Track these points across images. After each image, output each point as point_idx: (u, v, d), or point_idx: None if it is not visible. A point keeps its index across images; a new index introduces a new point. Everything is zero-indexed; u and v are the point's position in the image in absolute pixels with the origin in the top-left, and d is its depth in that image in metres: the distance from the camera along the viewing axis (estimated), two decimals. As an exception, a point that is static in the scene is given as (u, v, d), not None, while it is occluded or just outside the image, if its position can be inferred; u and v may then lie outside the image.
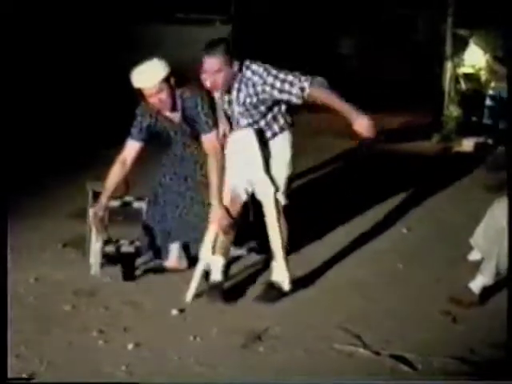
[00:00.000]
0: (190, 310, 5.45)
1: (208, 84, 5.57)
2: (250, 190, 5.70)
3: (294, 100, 5.53)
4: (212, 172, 5.61)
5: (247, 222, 6.10)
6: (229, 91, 5.63)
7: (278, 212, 5.67)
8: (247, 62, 5.60)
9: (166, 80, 5.52)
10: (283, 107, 5.71)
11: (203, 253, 5.65)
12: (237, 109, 5.67)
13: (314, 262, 6.29)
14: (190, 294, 5.58)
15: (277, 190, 5.65)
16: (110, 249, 6.00)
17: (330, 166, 8.90)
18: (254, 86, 5.60)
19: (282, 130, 5.74)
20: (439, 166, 9.36)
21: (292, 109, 5.74)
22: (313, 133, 9.94)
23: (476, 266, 5.77)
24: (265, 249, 5.98)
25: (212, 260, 5.65)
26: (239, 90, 5.63)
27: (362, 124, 5.37)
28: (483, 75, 10.74)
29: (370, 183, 8.31)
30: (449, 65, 10.97)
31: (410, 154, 9.71)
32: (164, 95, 5.54)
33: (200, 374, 4.65)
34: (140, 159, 5.83)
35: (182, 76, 5.63)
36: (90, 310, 5.42)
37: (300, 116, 6.11)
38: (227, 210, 5.57)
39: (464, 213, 7.30)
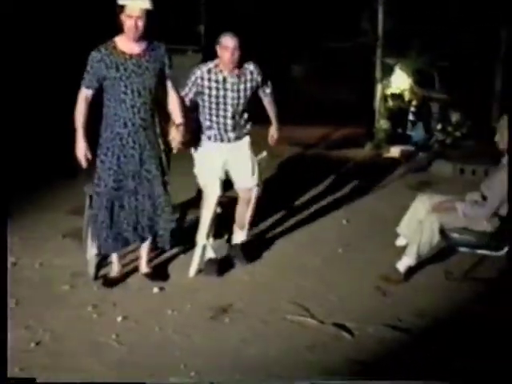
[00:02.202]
0: (169, 289, 5.41)
1: (227, 58, 5.44)
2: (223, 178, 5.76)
3: (263, 94, 5.85)
4: (175, 103, 5.31)
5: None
6: (224, 80, 5.54)
7: (254, 202, 5.86)
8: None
9: (148, 13, 5.03)
10: (247, 109, 5.75)
11: (199, 238, 5.69)
12: (230, 94, 5.58)
13: (270, 250, 6.27)
14: (192, 270, 5.63)
15: (255, 184, 5.79)
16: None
17: (283, 168, 8.84)
18: (251, 73, 5.64)
19: (247, 133, 5.80)
20: (371, 169, 9.37)
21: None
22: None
23: (402, 250, 5.76)
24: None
25: (207, 243, 5.70)
26: (237, 77, 5.57)
27: (274, 134, 6.00)
28: (406, 95, 10.79)
29: (315, 183, 8.29)
30: (379, 87, 11.01)
31: (347, 159, 9.71)
32: (141, 22, 4.99)
33: (176, 341, 4.63)
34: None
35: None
36: (85, 289, 5.37)
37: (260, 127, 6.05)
38: (183, 129, 5.32)
39: (392, 207, 7.29)
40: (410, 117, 10.46)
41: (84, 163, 5.16)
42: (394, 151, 10.15)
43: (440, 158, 9.52)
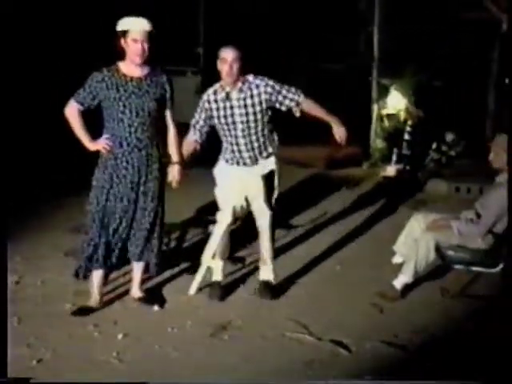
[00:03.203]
0: (168, 306, 5.40)
1: (225, 71, 5.25)
2: (245, 208, 5.59)
3: (288, 103, 5.36)
4: (173, 140, 5.30)
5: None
6: (227, 97, 5.35)
7: (271, 228, 5.61)
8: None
9: (151, 35, 5.05)
10: (271, 135, 5.51)
11: (205, 257, 5.61)
12: (237, 111, 5.35)
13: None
14: (193, 289, 5.57)
15: (271, 209, 5.55)
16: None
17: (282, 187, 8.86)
18: (257, 87, 5.34)
19: (271, 154, 5.53)
20: (369, 187, 9.39)
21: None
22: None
23: (398, 268, 5.76)
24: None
25: (213, 263, 5.63)
26: (241, 91, 5.33)
27: (339, 132, 5.41)
28: (402, 115, 10.82)
29: (314, 201, 8.30)
30: (375, 107, 11.05)
31: (346, 177, 9.74)
32: (146, 45, 5.00)
33: (176, 358, 4.62)
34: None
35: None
36: (87, 307, 5.33)
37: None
38: (181, 165, 5.33)
39: (388, 225, 7.33)
40: (406, 136, 10.48)
41: (106, 147, 5.09)
42: (390, 170, 10.18)
43: (435, 177, 9.55)
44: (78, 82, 5.20)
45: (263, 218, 5.55)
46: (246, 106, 5.35)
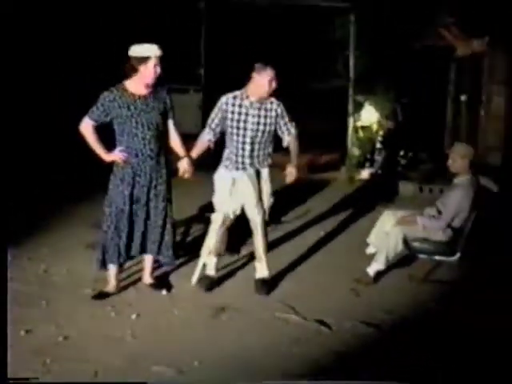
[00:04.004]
0: (175, 291, 5.35)
1: (266, 87, 5.17)
2: (238, 212, 5.43)
3: (284, 131, 5.35)
4: (177, 141, 5.20)
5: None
6: (248, 105, 5.24)
7: (264, 228, 5.47)
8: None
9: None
10: (270, 148, 5.41)
11: (203, 252, 5.50)
12: (251, 119, 5.24)
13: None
14: (194, 279, 5.45)
15: (264, 211, 5.42)
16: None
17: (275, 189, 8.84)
18: (272, 104, 5.29)
19: (268, 166, 5.43)
20: (346, 188, 9.37)
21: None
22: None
23: (371, 257, 5.74)
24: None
25: (208, 259, 5.50)
26: (260, 103, 5.25)
27: (290, 172, 5.37)
28: (374, 127, 10.83)
29: (299, 201, 8.27)
30: (351, 120, 11.05)
31: (326, 180, 9.72)
32: (159, 68, 4.95)
33: (181, 335, 4.60)
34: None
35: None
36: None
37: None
38: (190, 158, 5.24)
39: (363, 220, 7.30)
40: (378, 145, 10.49)
41: (122, 157, 5.01)
42: (365, 174, 10.19)
43: (403, 180, 9.54)
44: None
45: (257, 217, 5.39)
46: (259, 116, 5.26)
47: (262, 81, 5.20)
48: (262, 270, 5.51)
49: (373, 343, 4.60)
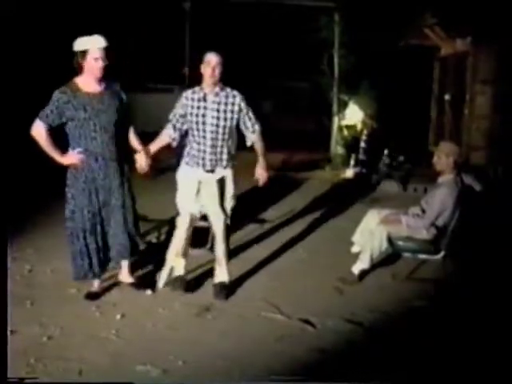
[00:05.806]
0: (160, 291, 5.34)
1: (208, 73, 5.00)
2: (202, 212, 5.34)
3: (248, 126, 5.15)
4: (133, 137, 5.07)
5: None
6: (204, 98, 5.07)
7: (226, 232, 5.34)
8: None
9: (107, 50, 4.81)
10: (233, 149, 5.22)
11: (169, 256, 5.44)
12: (210, 113, 5.05)
13: (245, 256, 6.26)
14: (161, 282, 5.39)
15: (225, 215, 5.29)
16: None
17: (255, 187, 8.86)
18: (234, 97, 5.08)
19: (229, 165, 5.22)
20: (330, 187, 9.40)
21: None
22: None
23: (356, 256, 5.77)
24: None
25: (176, 261, 5.43)
26: (217, 95, 5.05)
27: (260, 173, 5.26)
28: (358, 126, 10.88)
29: (285, 200, 8.30)
30: (335, 119, 11.09)
31: (310, 178, 9.75)
32: (105, 60, 4.77)
33: (166, 334, 4.59)
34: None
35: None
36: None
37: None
38: (146, 154, 5.07)
39: (348, 219, 7.33)
40: (362, 144, 10.54)
41: (78, 159, 4.83)
42: (349, 173, 10.23)
43: (387, 178, 9.59)
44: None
45: (218, 221, 5.27)
46: (218, 110, 5.07)
47: (205, 68, 5.08)
48: (221, 274, 5.37)
49: (355, 340, 4.62)
